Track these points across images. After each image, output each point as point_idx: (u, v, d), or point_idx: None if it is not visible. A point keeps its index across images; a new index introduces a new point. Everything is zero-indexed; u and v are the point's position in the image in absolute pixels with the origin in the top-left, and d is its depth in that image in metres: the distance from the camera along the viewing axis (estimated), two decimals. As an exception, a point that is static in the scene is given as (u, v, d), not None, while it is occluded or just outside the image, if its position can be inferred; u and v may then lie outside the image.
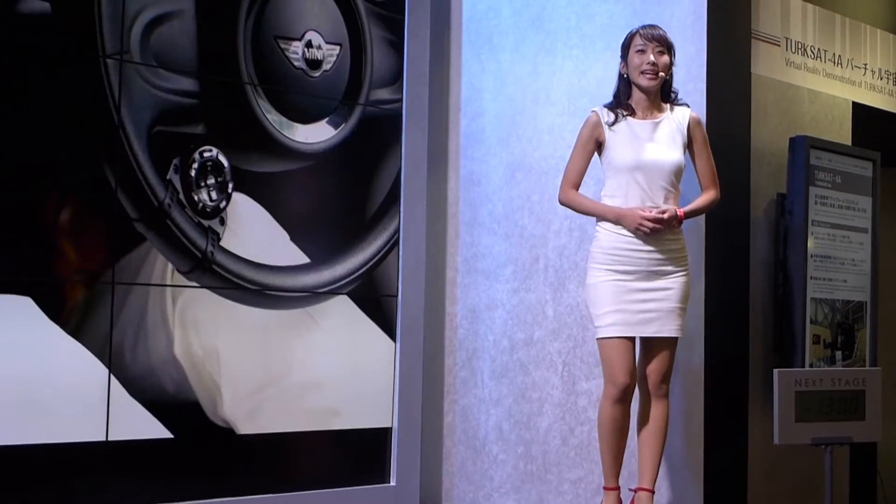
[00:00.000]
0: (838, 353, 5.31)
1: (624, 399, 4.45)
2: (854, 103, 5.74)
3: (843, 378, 4.69)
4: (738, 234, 5.08)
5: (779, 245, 5.19)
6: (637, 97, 4.52)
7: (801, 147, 5.12)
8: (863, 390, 4.70)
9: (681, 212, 4.46)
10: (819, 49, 5.54)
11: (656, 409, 4.51)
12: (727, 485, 4.95)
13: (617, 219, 4.41)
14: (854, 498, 5.62)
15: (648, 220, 4.36)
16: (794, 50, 5.40)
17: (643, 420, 4.53)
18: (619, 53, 4.56)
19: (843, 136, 5.65)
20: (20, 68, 4.15)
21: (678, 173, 4.49)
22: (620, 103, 4.52)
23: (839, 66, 5.66)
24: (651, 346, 4.50)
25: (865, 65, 5.82)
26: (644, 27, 4.53)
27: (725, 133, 4.99)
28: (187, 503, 4.52)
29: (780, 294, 5.17)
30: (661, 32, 4.51)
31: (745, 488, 5.02)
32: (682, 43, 5.00)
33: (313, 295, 4.94)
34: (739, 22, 5.12)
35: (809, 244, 5.14)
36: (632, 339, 4.45)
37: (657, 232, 4.38)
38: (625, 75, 4.53)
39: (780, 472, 5.19)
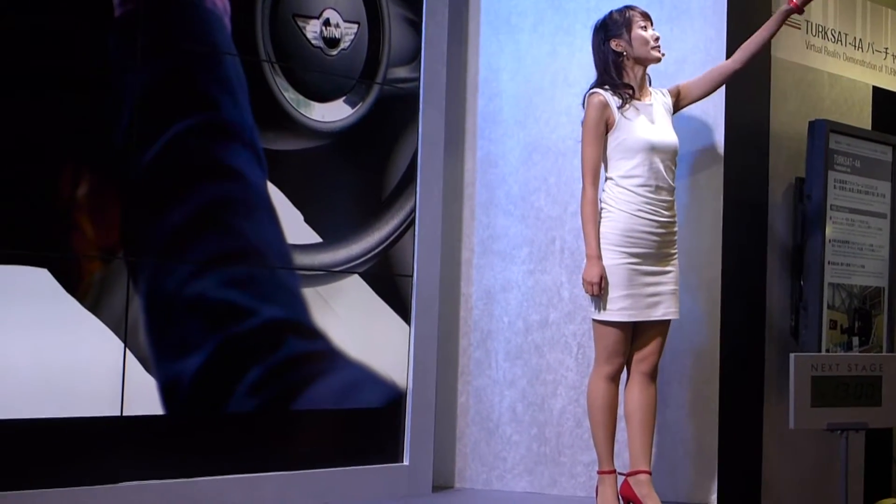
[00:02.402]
0: (855, 339, 5.29)
1: (616, 378, 4.50)
2: (874, 88, 5.71)
3: (859, 363, 4.66)
4: (756, 217, 5.06)
5: (797, 229, 5.17)
6: (634, 76, 4.52)
7: (821, 131, 5.09)
8: (879, 376, 4.68)
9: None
10: (840, 33, 5.51)
11: (650, 392, 4.53)
12: (741, 469, 4.94)
13: (588, 257, 4.42)
14: (868, 484, 5.60)
15: (592, 286, 4.40)
16: (814, 33, 5.36)
17: (637, 404, 4.51)
18: (608, 33, 4.53)
19: (863, 120, 5.62)
20: (35, 38, 4.14)
21: (677, 153, 4.55)
22: (617, 85, 4.50)
23: (860, 49, 5.62)
24: (651, 329, 4.50)
25: (886, 49, 5.79)
26: (629, 6, 4.57)
27: (744, 116, 4.97)
28: (201, 479, 4.53)
29: (797, 279, 5.15)
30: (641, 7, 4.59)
31: (759, 473, 5.01)
32: (702, 24, 4.98)
33: (329, 273, 4.93)
34: (760, 4, 5.09)
35: (827, 229, 5.11)
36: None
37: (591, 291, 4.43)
38: (623, 53, 4.51)
39: (794, 458, 5.17)
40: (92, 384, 4.27)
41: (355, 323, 5.01)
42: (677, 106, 4.64)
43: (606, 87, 4.51)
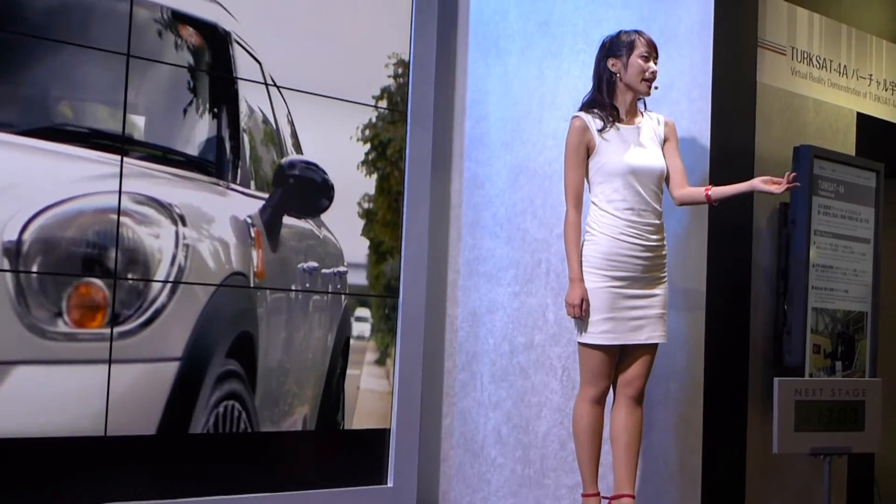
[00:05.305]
0: (838, 364, 5.31)
1: (601, 400, 4.51)
2: (858, 114, 5.75)
3: (843, 388, 4.69)
4: (741, 242, 5.08)
5: (781, 254, 5.19)
6: (623, 99, 4.53)
7: (805, 157, 5.12)
8: (862, 401, 4.71)
9: (709, 191, 4.55)
10: (825, 59, 5.55)
11: (636, 415, 4.53)
12: (725, 493, 4.95)
13: (570, 280, 4.44)
14: (851, 508, 5.62)
15: (574, 308, 4.42)
16: (799, 59, 5.40)
17: (622, 427, 4.51)
18: (609, 51, 4.54)
19: (848, 146, 5.65)
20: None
21: (663, 177, 4.55)
22: (605, 105, 4.52)
23: (844, 76, 5.66)
24: (635, 352, 4.50)
25: (871, 75, 5.83)
26: (639, 31, 4.56)
27: (729, 141, 4.99)
28: (184, 500, 4.52)
29: (781, 303, 5.17)
30: (652, 39, 4.56)
31: (743, 496, 5.01)
32: (688, 50, 5.01)
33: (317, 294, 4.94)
34: (746, 30, 5.12)
35: (811, 254, 5.14)
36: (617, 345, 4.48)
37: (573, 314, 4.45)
38: (617, 74, 4.52)
39: (778, 481, 5.18)
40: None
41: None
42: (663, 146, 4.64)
43: (593, 109, 4.53)
